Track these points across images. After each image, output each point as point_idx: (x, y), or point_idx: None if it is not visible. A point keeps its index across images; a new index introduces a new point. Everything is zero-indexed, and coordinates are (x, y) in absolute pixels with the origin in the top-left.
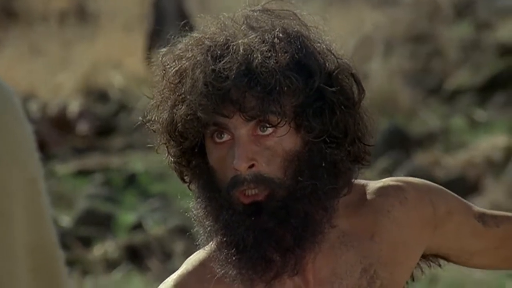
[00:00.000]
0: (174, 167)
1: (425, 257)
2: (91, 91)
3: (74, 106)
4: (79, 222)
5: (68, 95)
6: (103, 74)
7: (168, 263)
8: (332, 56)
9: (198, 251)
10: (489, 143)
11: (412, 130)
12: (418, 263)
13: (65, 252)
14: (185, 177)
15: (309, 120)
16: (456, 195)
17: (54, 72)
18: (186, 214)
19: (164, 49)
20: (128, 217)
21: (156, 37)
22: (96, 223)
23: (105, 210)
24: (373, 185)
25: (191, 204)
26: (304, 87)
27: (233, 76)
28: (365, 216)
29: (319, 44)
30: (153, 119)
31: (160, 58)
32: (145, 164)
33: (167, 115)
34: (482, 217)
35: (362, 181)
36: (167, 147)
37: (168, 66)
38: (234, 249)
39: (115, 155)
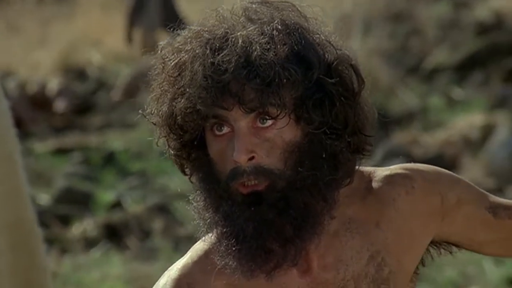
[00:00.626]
0: (174, 160)
1: (436, 244)
2: (70, 69)
3: (53, 84)
4: (58, 200)
5: (47, 73)
6: (82, 52)
7: (147, 241)
8: (332, 47)
9: (200, 240)
10: (467, 122)
11: (391, 109)
12: (428, 249)
13: (44, 230)
14: (186, 170)
15: (309, 112)
16: (470, 183)
17: (33, 50)
18: (165, 192)
19: (164, 42)
20: (106, 196)
21: (136, 14)
22: (75, 201)
23: (83, 188)
24: (380, 172)
25: (191, 197)
26: (303, 79)
27: (232, 69)
28: (371, 204)
29: (318, 36)
30: (152, 112)
31: (159, 51)
32: (124, 142)
33: (166, 108)
34: (493, 208)
35: (369, 168)
36: (167, 140)
37: (167, 59)
38: (234, 240)
39: (93, 133)
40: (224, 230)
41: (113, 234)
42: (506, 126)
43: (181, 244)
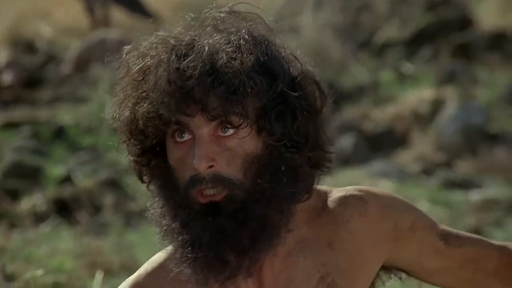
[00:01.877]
0: (133, 166)
1: (387, 268)
2: (18, 42)
3: (1, 57)
4: (7, 175)
5: None
6: (31, 25)
7: (98, 216)
8: (297, 61)
9: (159, 253)
10: (417, 96)
11: (342, 84)
12: (378, 274)
13: None
14: (144, 177)
15: (271, 123)
16: (421, 210)
17: None
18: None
19: (129, 47)
20: (56, 170)
21: None
22: (24, 176)
23: (33, 163)
24: (335, 192)
25: (148, 204)
26: (267, 89)
27: (197, 75)
28: (325, 223)
29: (283, 49)
30: (114, 116)
31: (124, 55)
32: (74, 116)
33: (128, 113)
34: (445, 236)
35: (325, 188)
36: (127, 145)
37: (132, 63)
38: (190, 248)
39: (43, 107)
40: (180, 238)
41: (63, 209)
42: (455, 101)
43: (132, 219)
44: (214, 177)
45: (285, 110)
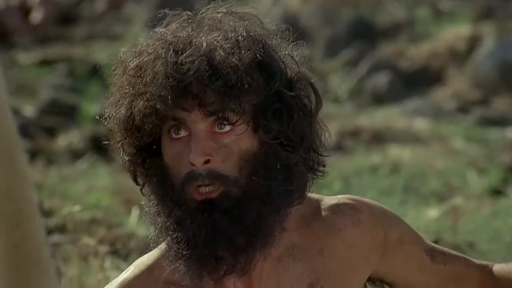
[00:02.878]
0: (128, 166)
1: (372, 280)
2: None
3: None
4: (43, 112)
5: None
6: None
7: None
8: (293, 63)
9: (145, 255)
10: (453, 33)
11: (377, 21)
12: (365, 284)
13: (29, 142)
14: (138, 178)
15: (267, 120)
16: (409, 225)
17: None
18: None
19: (125, 48)
20: (92, 108)
21: None
22: (60, 113)
23: (69, 100)
24: (327, 200)
25: (143, 202)
26: (264, 86)
27: (194, 69)
28: (317, 230)
29: (280, 49)
30: (110, 116)
31: (121, 55)
32: (109, 54)
33: (125, 110)
34: (431, 252)
35: (316, 196)
36: (122, 145)
37: (129, 61)
38: (185, 245)
39: (77, 45)
40: (175, 235)
41: (99, 147)
42: (491, 37)
43: None
44: (210, 173)
45: (281, 108)
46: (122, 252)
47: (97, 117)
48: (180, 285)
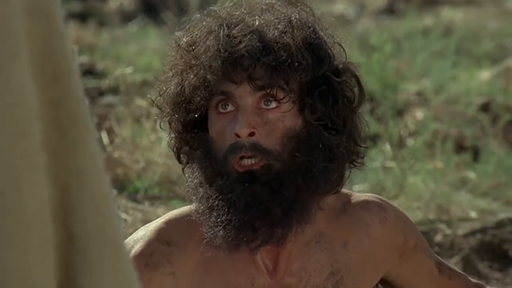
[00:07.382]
0: (173, 144)
1: (381, 282)
2: None
3: None
4: None
5: None
6: None
7: (183, 16)
8: (342, 53)
9: (181, 208)
10: None
11: None
12: (377, 285)
13: (81, 4)
14: (182, 157)
15: (313, 100)
16: (423, 236)
17: None
18: None
19: (179, 32)
20: None
21: None
22: None
23: None
24: (357, 196)
25: (186, 175)
26: (313, 68)
27: (246, 43)
28: (344, 223)
29: (330, 38)
30: (160, 93)
31: (174, 37)
32: None
33: (175, 85)
34: (440, 265)
35: (346, 190)
36: (169, 122)
37: (182, 37)
38: (225, 211)
39: None
40: (216, 203)
41: (150, 9)
42: None
43: None
44: (254, 145)
45: (327, 91)
46: None
47: None
48: (215, 245)
